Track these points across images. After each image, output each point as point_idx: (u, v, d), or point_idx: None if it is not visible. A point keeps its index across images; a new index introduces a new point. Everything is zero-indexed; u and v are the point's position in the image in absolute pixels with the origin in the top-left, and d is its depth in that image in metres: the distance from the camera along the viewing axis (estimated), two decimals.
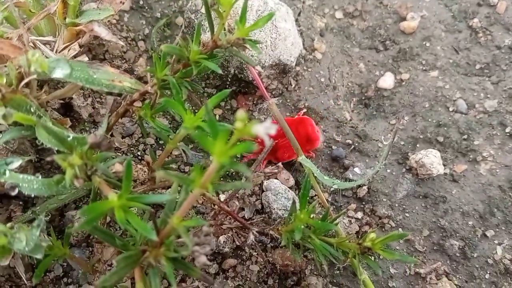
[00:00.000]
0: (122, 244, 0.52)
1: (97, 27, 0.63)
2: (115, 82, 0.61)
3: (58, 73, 0.57)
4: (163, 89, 0.63)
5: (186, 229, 0.44)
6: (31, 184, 0.54)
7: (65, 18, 0.68)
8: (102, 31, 0.62)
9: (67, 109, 0.74)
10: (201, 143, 0.36)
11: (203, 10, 0.77)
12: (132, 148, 0.79)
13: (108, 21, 0.81)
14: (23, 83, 0.55)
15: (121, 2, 0.67)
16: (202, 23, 0.77)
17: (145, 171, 0.77)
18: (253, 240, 0.67)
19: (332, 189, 0.80)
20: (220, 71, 0.60)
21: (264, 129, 0.32)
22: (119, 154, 0.78)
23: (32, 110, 0.57)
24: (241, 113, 0.34)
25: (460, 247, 0.79)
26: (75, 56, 0.68)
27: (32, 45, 0.70)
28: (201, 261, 0.44)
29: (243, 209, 0.78)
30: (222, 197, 0.78)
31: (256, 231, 0.69)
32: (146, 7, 0.87)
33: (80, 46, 0.67)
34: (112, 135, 0.78)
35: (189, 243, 0.43)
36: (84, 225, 0.45)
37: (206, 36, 0.76)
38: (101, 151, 0.51)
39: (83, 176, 0.49)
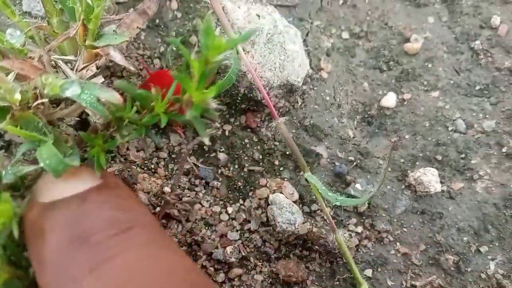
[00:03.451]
0: None
1: (112, 51, 0.67)
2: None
3: (69, 93, 0.60)
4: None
5: None
6: None
7: (85, 40, 0.73)
8: (117, 56, 0.67)
9: (84, 125, 0.78)
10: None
11: (216, 32, 0.82)
12: (146, 162, 0.83)
13: (126, 40, 0.85)
14: (36, 103, 0.58)
15: (137, 27, 0.72)
16: None
17: (158, 184, 0.82)
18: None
19: (334, 203, 0.85)
20: None
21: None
22: (134, 167, 0.83)
23: (39, 126, 0.60)
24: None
25: (455, 261, 0.83)
26: (92, 77, 0.73)
27: (53, 63, 0.75)
28: None
29: (249, 221, 0.83)
30: (230, 209, 0.83)
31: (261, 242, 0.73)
32: (162, 26, 0.91)
33: (97, 68, 0.72)
34: (128, 149, 0.83)
35: None
36: None
37: None
38: None
39: None
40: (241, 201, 0.84)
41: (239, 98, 0.84)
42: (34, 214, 0.42)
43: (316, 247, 0.81)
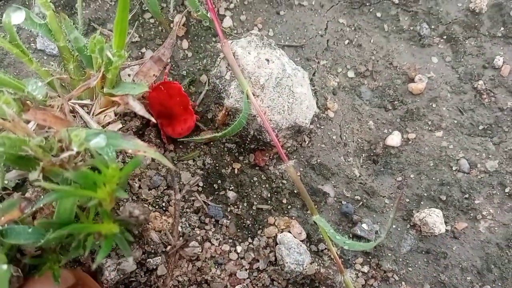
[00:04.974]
0: None
1: (132, 101, 0.69)
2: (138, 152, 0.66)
3: (93, 144, 0.62)
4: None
5: None
6: None
7: (102, 87, 0.75)
8: (136, 106, 0.68)
9: None
10: None
11: (227, 77, 0.84)
12: (157, 200, 0.85)
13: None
14: (62, 156, 0.60)
15: (153, 75, 0.74)
16: (226, 89, 0.84)
17: (169, 222, 0.84)
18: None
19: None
20: None
21: None
22: (146, 205, 0.85)
23: (65, 178, 0.62)
24: None
25: None
26: (109, 123, 0.75)
27: (71, 108, 0.78)
28: None
29: (257, 260, 0.84)
30: (239, 248, 0.85)
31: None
32: (173, 65, 0.94)
33: (115, 114, 0.74)
34: (140, 187, 0.85)
35: None
36: None
37: (229, 102, 0.83)
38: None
39: None
40: (250, 240, 0.86)
41: (249, 139, 0.86)
42: None
43: (324, 287, 0.83)
